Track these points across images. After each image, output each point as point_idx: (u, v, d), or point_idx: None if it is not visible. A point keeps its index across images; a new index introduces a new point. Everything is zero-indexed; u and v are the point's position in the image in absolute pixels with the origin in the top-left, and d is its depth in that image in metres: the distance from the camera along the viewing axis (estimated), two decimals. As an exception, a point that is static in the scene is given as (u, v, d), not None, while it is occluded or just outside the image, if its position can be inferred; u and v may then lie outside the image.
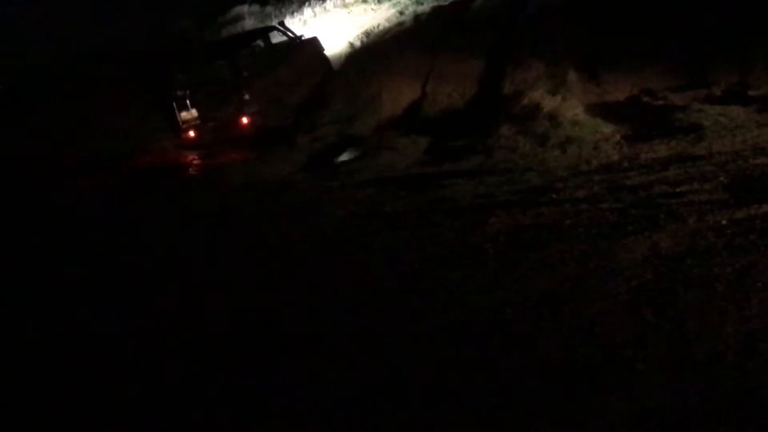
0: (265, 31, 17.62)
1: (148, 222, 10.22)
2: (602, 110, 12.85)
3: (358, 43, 19.22)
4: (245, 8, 22.63)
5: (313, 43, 17.47)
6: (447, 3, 19.78)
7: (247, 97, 15.37)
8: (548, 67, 14.49)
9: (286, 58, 16.71)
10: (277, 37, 17.25)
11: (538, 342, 5.14)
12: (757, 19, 13.67)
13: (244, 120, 15.26)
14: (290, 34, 17.17)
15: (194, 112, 15.71)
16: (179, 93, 15.76)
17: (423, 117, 15.00)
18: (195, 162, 14.86)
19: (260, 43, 17.12)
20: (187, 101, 15.69)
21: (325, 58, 17.46)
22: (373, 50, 17.99)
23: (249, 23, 21.75)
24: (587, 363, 4.77)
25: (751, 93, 12.48)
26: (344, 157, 13.40)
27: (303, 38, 17.39)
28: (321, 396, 5.04)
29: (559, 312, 5.47)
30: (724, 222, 6.71)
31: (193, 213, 10.44)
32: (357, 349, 5.52)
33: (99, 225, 10.70)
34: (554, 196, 8.64)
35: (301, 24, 20.79)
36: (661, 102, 12.74)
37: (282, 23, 17.62)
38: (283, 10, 21.82)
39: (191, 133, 15.72)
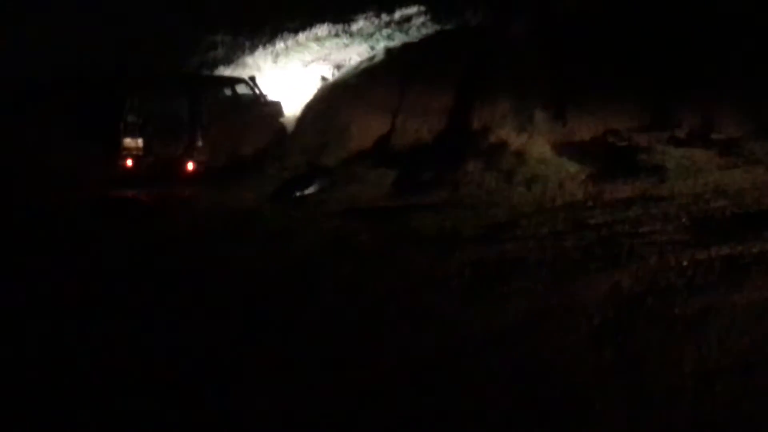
0: (233, 81, 17.19)
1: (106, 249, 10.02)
2: (568, 149, 13.02)
3: (329, 76, 19.31)
4: (218, 37, 22.59)
5: (275, 107, 17.25)
6: (417, 40, 19.98)
7: (200, 143, 14.77)
8: (516, 105, 14.66)
9: (247, 113, 16.22)
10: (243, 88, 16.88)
11: (498, 376, 5.16)
12: (721, 65, 13.96)
13: (190, 166, 14.57)
14: (257, 91, 16.82)
15: (140, 142, 14.92)
16: (130, 119, 15.07)
17: (392, 150, 15.07)
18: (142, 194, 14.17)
19: (226, 91, 16.58)
20: (137, 129, 14.98)
21: (282, 125, 17.19)
22: (344, 83, 18.08)
23: (221, 53, 21.73)
24: (546, 399, 4.80)
25: (713, 136, 12.73)
26: (312, 187, 13.36)
27: (267, 99, 17.12)
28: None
29: (521, 346, 5.51)
30: (684, 262, 6.81)
31: (152, 243, 10.26)
32: (315, 378, 5.49)
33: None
34: (519, 232, 8.72)
35: (272, 56, 20.81)
36: (625, 142, 12.92)
37: (252, 78, 17.20)
38: (255, 41, 21.81)
39: (129, 162, 14.85)
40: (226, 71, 20.22)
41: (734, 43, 14.50)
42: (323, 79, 19.33)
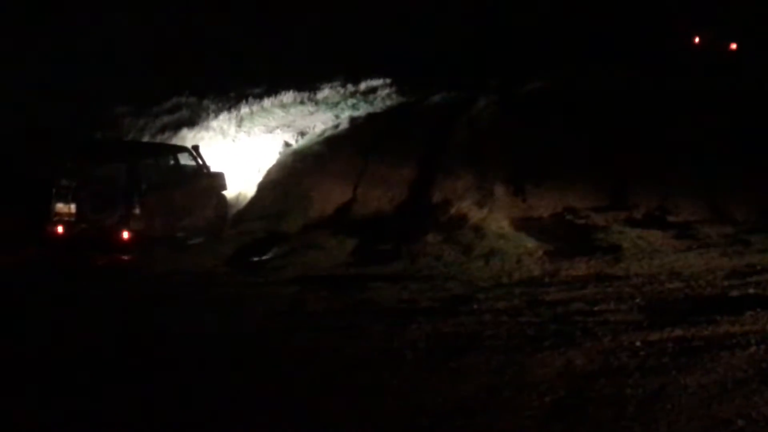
0: (176, 150, 16.55)
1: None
2: (527, 225, 13.15)
3: (292, 142, 19.39)
4: (183, 99, 22.69)
5: (218, 179, 16.53)
6: (381, 110, 20.22)
7: (137, 210, 13.97)
8: (477, 179, 14.84)
9: (189, 183, 15.58)
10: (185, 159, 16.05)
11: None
12: (678, 149, 14.28)
13: (125, 234, 13.75)
14: (200, 161, 16.06)
15: (72, 208, 14.03)
16: (64, 182, 14.16)
17: (352, 219, 15.11)
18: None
19: (167, 159, 15.85)
20: (70, 194, 14.07)
21: (223, 198, 16.61)
22: (308, 150, 18.16)
23: (185, 114, 21.79)
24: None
25: (669, 218, 12.94)
26: (270, 253, 13.30)
27: (210, 170, 16.40)
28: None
29: (472, 422, 5.48)
30: (638, 343, 6.85)
31: (102, 306, 10.06)
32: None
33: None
34: (475, 306, 8.74)
35: (236, 120, 20.91)
36: (583, 221, 13.09)
37: (196, 147, 16.35)
38: (220, 104, 21.94)
39: (59, 229, 13.96)
40: (189, 134, 20.24)
41: (691, 129, 14.88)
42: (287, 145, 19.39)
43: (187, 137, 19.85)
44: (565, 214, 13.76)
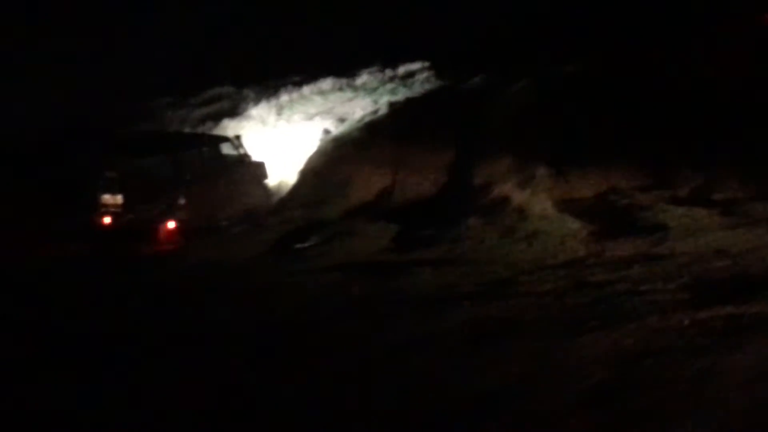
0: (219, 140, 16.77)
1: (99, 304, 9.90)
2: (570, 206, 12.98)
3: (332, 129, 19.38)
4: (222, 89, 22.80)
5: (260, 168, 16.74)
6: (420, 95, 20.10)
7: (182, 201, 14.25)
8: (518, 161, 14.68)
9: (231, 172, 15.79)
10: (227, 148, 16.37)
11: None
12: (723, 125, 14.00)
13: (170, 224, 13.97)
14: (242, 151, 16.33)
15: (119, 199, 14.31)
16: (110, 174, 14.53)
17: (392, 205, 15.05)
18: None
19: (210, 149, 16.07)
20: (116, 186, 14.39)
21: (266, 185, 16.84)
22: (347, 137, 18.14)
23: (225, 104, 21.90)
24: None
25: (715, 196, 12.69)
26: (311, 241, 13.30)
27: (252, 159, 16.67)
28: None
29: (517, 405, 5.42)
30: (685, 322, 6.72)
31: (148, 295, 10.17)
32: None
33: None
34: (519, 289, 8.65)
35: (276, 108, 20.96)
36: (627, 201, 12.89)
37: (238, 137, 16.63)
38: (259, 93, 22.00)
39: (106, 219, 14.27)
40: (230, 123, 20.33)
41: (737, 104, 14.58)
42: (326, 132, 19.39)
43: (228, 127, 19.96)
44: (609, 194, 13.58)
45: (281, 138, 19.83)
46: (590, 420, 5.12)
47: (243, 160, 16.01)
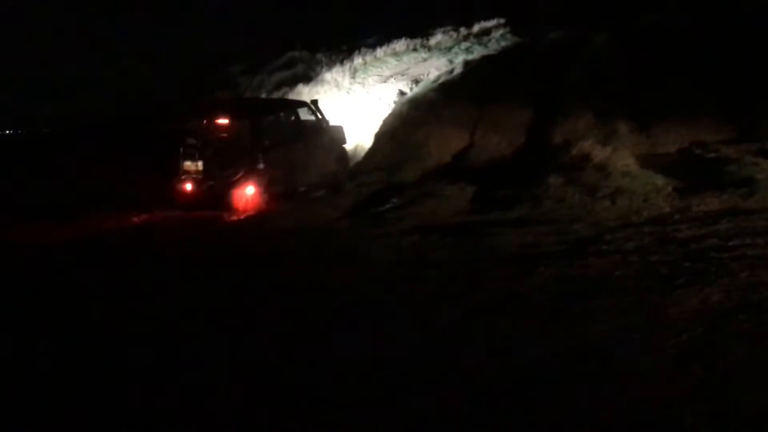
0: (296, 105, 16.63)
1: (194, 264, 10.08)
2: (653, 161, 12.73)
3: (407, 91, 19.29)
4: (296, 54, 22.86)
5: (338, 132, 16.60)
6: (496, 52, 19.84)
7: (261, 165, 14.20)
8: (598, 118, 14.42)
9: (309, 137, 15.59)
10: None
11: (584, 395, 4.98)
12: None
13: (251, 189, 14.01)
14: (319, 115, 16.17)
15: (199, 165, 14.49)
16: (190, 141, 14.62)
17: (470, 166, 14.94)
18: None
19: (288, 115, 16.07)
20: (196, 153, 14.51)
21: (344, 150, 16.69)
22: (422, 98, 18.02)
23: (300, 69, 21.95)
24: (635, 418, 4.61)
25: (805, 148, 12.33)
26: (389, 204, 13.27)
27: (329, 124, 16.50)
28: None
29: (607, 365, 5.32)
30: (777, 277, 6.55)
31: (233, 258, 10.29)
32: (407, 400, 5.37)
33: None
34: (603, 247, 8.49)
35: (350, 72, 20.93)
36: (713, 154, 12.60)
37: (315, 102, 16.47)
38: (333, 57, 22.00)
39: (188, 186, 14.46)
40: (304, 88, 20.40)
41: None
42: (401, 93, 19.29)
43: (303, 92, 20.04)
44: (693, 148, 13.29)
45: (356, 101, 19.83)
46: (687, 376, 5.00)
47: (321, 124, 16.03)
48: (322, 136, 15.87)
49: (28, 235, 12.42)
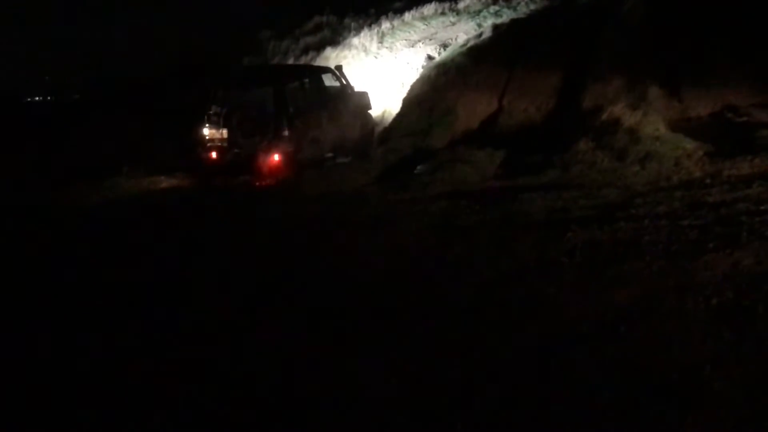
0: (320, 71, 16.64)
1: (225, 230, 10.19)
2: (684, 126, 12.63)
3: (435, 55, 19.19)
4: (324, 19, 22.79)
5: (363, 98, 16.55)
6: (525, 16, 19.67)
7: (286, 132, 14.18)
8: (629, 82, 14.28)
9: (334, 104, 15.63)
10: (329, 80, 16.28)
11: (613, 359, 4.99)
12: None
13: (276, 157, 14.03)
14: (343, 81, 16.12)
15: (224, 133, 14.59)
16: (214, 109, 14.68)
17: (499, 131, 14.89)
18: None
19: (312, 81, 15.97)
20: (221, 120, 14.61)
21: (369, 115, 16.67)
22: (450, 63, 17.92)
23: (327, 34, 21.90)
24: (663, 382, 4.62)
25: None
26: (418, 169, 13.26)
27: (354, 89, 16.44)
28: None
29: (636, 329, 5.32)
30: (810, 241, 6.50)
31: (265, 222, 10.38)
32: (432, 364, 5.41)
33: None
34: (633, 211, 8.46)
35: (377, 36, 20.85)
36: (744, 118, 12.47)
37: (339, 68, 16.46)
38: (360, 21, 21.93)
39: (213, 154, 14.57)
40: (332, 53, 20.39)
41: None
42: (429, 58, 19.22)
43: (330, 57, 20.01)
44: (725, 112, 13.15)
45: (384, 66, 19.77)
46: (716, 341, 5.00)
47: (345, 90, 15.97)
48: (347, 103, 15.84)
49: (73, 197, 12.76)
